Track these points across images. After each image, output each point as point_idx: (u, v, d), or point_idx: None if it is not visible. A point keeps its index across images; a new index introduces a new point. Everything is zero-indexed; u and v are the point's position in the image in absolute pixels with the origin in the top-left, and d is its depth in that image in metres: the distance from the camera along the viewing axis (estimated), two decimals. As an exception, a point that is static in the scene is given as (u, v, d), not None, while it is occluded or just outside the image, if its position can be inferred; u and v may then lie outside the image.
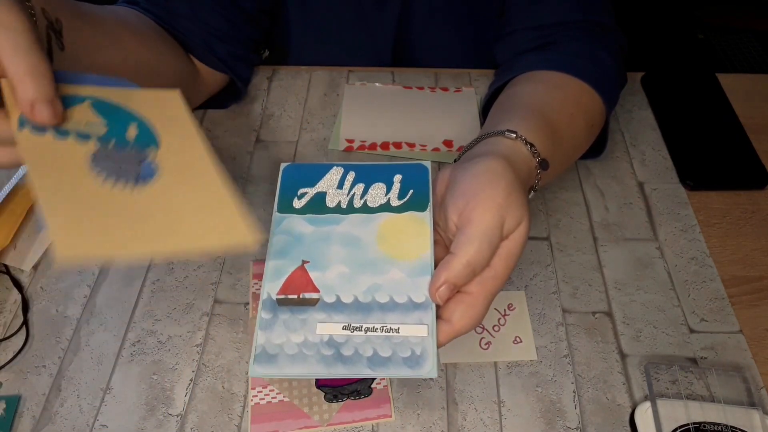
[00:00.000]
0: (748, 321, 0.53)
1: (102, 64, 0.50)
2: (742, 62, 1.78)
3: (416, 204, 0.45)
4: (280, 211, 0.45)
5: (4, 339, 0.51)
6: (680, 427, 0.45)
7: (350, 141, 0.66)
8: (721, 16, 1.89)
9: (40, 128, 0.38)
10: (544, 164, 0.48)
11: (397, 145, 0.66)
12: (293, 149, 0.66)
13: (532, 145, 0.47)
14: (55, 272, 0.55)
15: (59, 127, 0.39)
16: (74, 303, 0.53)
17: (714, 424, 0.45)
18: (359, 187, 0.46)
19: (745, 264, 0.57)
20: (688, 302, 0.54)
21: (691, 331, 0.52)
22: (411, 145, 0.66)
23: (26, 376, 0.49)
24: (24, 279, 0.55)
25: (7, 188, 0.58)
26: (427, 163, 0.47)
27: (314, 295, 0.41)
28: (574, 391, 0.48)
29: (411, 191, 0.45)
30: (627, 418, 0.47)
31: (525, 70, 0.59)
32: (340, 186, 0.46)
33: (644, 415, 0.46)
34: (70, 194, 0.36)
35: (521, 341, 0.51)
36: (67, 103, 0.40)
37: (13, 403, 0.47)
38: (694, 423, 0.45)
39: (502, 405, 0.48)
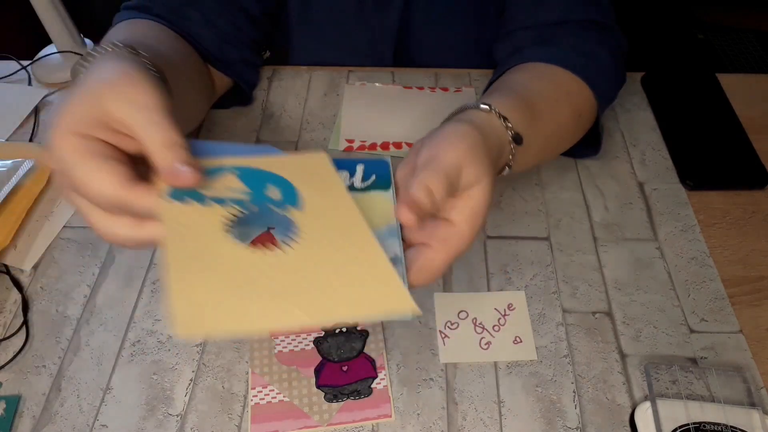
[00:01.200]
0: (748, 321, 0.53)
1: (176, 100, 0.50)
2: (742, 62, 1.78)
3: (379, 185, 0.45)
4: None
5: (4, 339, 0.51)
6: (680, 427, 0.45)
7: (350, 141, 0.66)
8: (721, 16, 1.89)
9: (181, 197, 0.38)
10: (517, 138, 0.48)
11: (397, 145, 0.66)
12: (293, 149, 0.66)
13: (505, 119, 0.47)
14: (55, 272, 0.55)
15: (201, 195, 0.38)
16: (74, 303, 0.53)
17: (714, 424, 0.45)
18: None
19: (745, 264, 0.57)
20: (688, 302, 0.54)
21: (691, 331, 0.52)
22: (411, 145, 0.66)
23: (26, 376, 0.49)
24: (24, 279, 0.55)
25: (7, 188, 0.58)
26: (388, 158, 0.48)
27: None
28: (574, 391, 0.48)
29: (374, 176, 0.46)
30: (627, 418, 0.47)
31: (518, 63, 0.60)
32: None
33: (644, 415, 0.46)
34: (203, 263, 0.35)
35: (521, 341, 0.51)
36: (212, 173, 0.40)
37: (13, 403, 0.47)
38: (694, 423, 0.45)
39: (502, 405, 0.48)
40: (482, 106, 0.47)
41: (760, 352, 0.51)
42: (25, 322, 0.52)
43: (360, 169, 0.47)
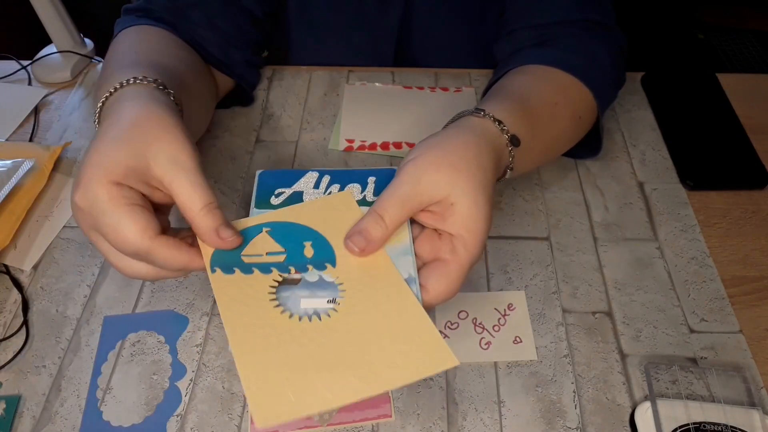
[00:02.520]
0: (748, 321, 0.53)
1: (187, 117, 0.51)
2: (742, 62, 1.78)
3: None
4: (257, 207, 0.46)
5: (4, 339, 0.51)
6: (680, 427, 0.45)
7: (350, 141, 0.66)
8: (721, 16, 1.89)
9: (228, 269, 0.40)
10: (514, 140, 0.48)
11: (397, 145, 0.66)
12: (293, 149, 0.66)
13: (500, 122, 0.47)
14: (55, 272, 0.55)
15: (244, 263, 0.40)
16: (74, 303, 0.53)
17: (714, 424, 0.45)
18: (335, 188, 0.47)
19: (745, 264, 0.57)
20: (688, 302, 0.54)
21: (691, 331, 0.52)
22: (411, 145, 0.66)
23: (26, 376, 0.49)
24: (24, 279, 0.55)
25: (7, 188, 0.58)
26: (396, 168, 0.48)
27: (295, 276, 0.41)
28: (574, 391, 0.48)
29: None
30: (627, 418, 0.47)
31: (519, 65, 0.60)
32: (317, 186, 0.47)
33: (644, 415, 0.46)
34: (262, 341, 0.37)
35: (521, 341, 0.51)
36: (247, 236, 0.42)
37: (13, 403, 0.47)
38: (694, 423, 0.45)
39: (502, 405, 0.48)
40: (476, 112, 0.48)
41: (760, 352, 0.51)
42: (25, 322, 0.52)
43: (371, 181, 0.47)
